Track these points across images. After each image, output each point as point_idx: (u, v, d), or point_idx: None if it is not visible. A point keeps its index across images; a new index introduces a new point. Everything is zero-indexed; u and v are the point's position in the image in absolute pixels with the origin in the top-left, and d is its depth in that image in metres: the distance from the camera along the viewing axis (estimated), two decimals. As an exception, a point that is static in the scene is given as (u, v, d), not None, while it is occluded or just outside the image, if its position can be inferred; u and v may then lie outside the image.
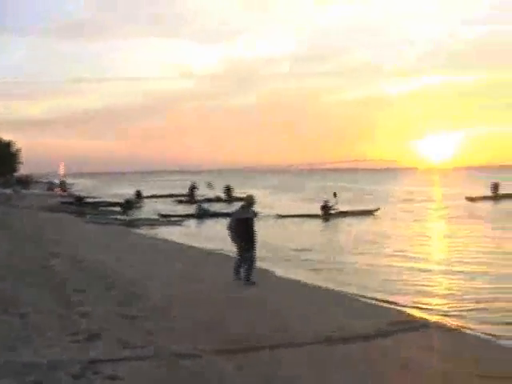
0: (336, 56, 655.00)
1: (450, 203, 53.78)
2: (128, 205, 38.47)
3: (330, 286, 16.86)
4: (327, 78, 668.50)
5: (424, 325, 12.27)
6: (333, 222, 39.33)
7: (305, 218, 40.78)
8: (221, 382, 8.24)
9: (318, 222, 39.25)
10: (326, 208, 41.43)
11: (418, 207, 51.33)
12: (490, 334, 11.92)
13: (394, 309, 13.97)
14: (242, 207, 15.78)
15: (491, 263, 20.22)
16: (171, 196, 66.41)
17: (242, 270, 15.64)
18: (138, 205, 43.16)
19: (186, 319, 11.71)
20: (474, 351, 10.47)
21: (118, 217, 39.80)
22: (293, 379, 8.48)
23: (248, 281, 15.42)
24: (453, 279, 17.87)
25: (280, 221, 39.74)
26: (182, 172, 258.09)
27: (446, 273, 19.01)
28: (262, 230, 27.18)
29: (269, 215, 40.46)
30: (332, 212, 41.40)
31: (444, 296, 15.80)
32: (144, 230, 33.59)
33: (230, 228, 15.62)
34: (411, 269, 19.69)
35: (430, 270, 19.47)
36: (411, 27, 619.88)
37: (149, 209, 44.19)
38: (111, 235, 29.50)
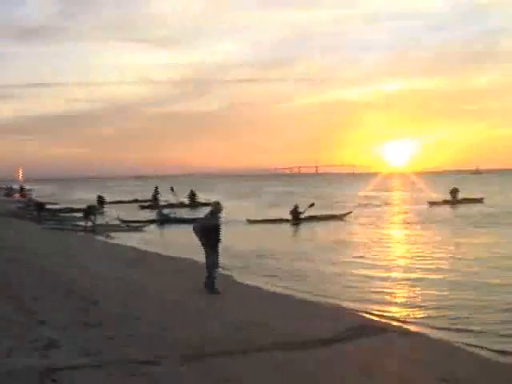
0: (295, 62, 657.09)
1: (411, 207, 54.35)
2: (90, 211, 37.97)
3: (290, 292, 16.88)
4: (286, 84, 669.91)
5: (383, 329, 12.35)
6: (302, 226, 39.21)
7: (275, 223, 40.58)
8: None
9: (288, 227, 39.19)
10: (295, 213, 41.25)
11: (382, 211, 51.70)
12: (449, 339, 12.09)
13: (353, 314, 14.03)
14: (211, 213, 15.58)
15: (450, 269, 20.44)
16: (135, 202, 65.77)
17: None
18: (99, 211, 42.67)
19: (145, 326, 11.64)
20: (433, 355, 10.58)
21: (79, 223, 39.29)
22: None
23: (212, 289, 15.32)
24: (412, 285, 17.97)
25: (249, 226, 39.62)
26: (142, 177, 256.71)
27: (405, 279, 19.09)
28: (231, 236, 27.38)
29: (238, 220, 40.14)
30: (302, 217, 41.23)
31: (403, 302, 15.92)
32: (105, 237, 33.18)
33: (197, 233, 15.49)
34: (371, 275, 19.76)
35: (389, 277, 19.53)
36: (370, 33, 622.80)
37: (111, 215, 43.64)
38: (71, 241, 29.11)
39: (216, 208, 15.52)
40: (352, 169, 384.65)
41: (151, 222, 41.21)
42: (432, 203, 55.34)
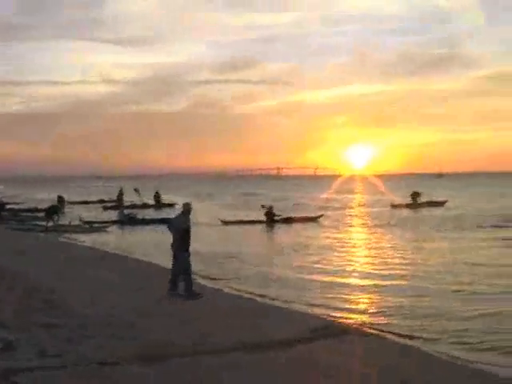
0: (257, 64, 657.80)
1: (373, 210, 54.59)
2: (51, 211, 37.42)
3: (254, 295, 16.85)
4: (248, 86, 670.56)
5: (345, 331, 12.43)
6: (277, 228, 39.20)
7: (249, 225, 40.51)
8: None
9: (262, 229, 39.17)
10: (270, 214, 41.26)
11: (344, 214, 51.71)
12: (411, 339, 12.30)
13: (315, 316, 14.05)
14: (183, 214, 15.22)
15: (411, 275, 20.45)
16: (100, 202, 64.88)
17: (179, 281, 15.13)
18: (61, 211, 42.07)
19: (106, 327, 11.54)
20: (393, 358, 10.60)
21: (40, 223, 38.80)
22: None
23: (189, 293, 14.93)
24: (373, 290, 18.00)
25: (224, 227, 39.53)
26: (105, 178, 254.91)
27: (366, 284, 19.13)
28: (203, 237, 27.51)
29: (210, 223, 40.41)
30: (276, 218, 41.30)
31: (364, 306, 15.95)
32: (66, 237, 32.77)
33: (172, 231, 15.14)
34: (333, 280, 19.71)
35: (350, 282, 19.54)
36: (331, 36, 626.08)
37: (73, 215, 42.98)
38: (31, 242, 28.66)
39: (186, 209, 15.19)
40: (314, 171, 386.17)
41: (113, 222, 40.75)
42: (394, 206, 55.67)
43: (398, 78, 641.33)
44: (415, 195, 56.46)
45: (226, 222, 40.86)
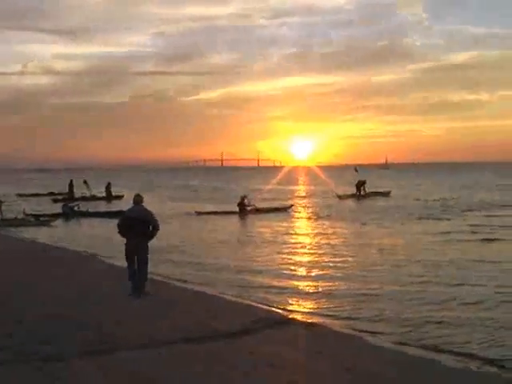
0: (201, 55, 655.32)
1: (318, 201, 54.72)
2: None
3: (197, 287, 16.70)
4: (191, 77, 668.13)
5: (288, 322, 12.50)
6: (249, 218, 39.16)
7: (223, 215, 40.56)
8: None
9: (234, 219, 39.14)
10: (242, 205, 41.46)
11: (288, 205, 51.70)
12: (353, 329, 12.34)
13: (258, 307, 14.03)
14: (137, 205, 14.39)
15: (353, 264, 20.62)
16: (50, 194, 63.31)
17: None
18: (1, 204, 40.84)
19: (48, 322, 11.40)
20: (337, 347, 10.77)
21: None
22: (155, 379, 8.46)
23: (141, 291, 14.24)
24: (317, 279, 18.14)
25: (198, 218, 39.46)
26: (47, 170, 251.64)
27: (310, 273, 19.31)
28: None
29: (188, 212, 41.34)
30: (248, 209, 41.56)
31: (307, 295, 16.05)
32: (8, 231, 31.88)
33: (122, 227, 14.35)
34: (277, 270, 19.78)
35: (294, 272, 19.57)
36: (275, 28, 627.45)
37: (17, 209, 41.84)
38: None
39: (137, 200, 14.51)
40: (257, 162, 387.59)
41: (57, 215, 39.89)
42: (340, 196, 55.87)
43: (341, 70, 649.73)
44: (360, 184, 56.77)
45: (200, 213, 41.09)
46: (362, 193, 56.29)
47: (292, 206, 45.86)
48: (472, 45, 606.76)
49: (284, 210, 43.97)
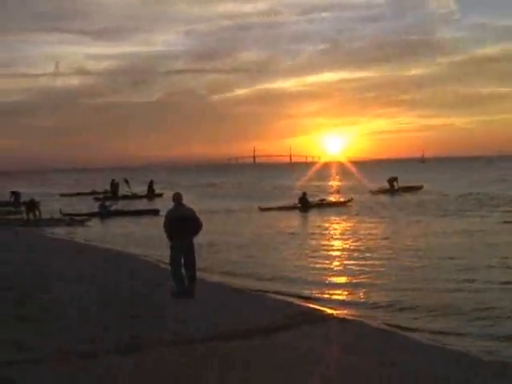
0: (232, 53, 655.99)
1: (356, 196, 54.48)
2: (31, 204, 36.89)
3: (226, 281, 16.83)
4: (223, 75, 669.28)
5: (322, 317, 12.51)
6: (311, 213, 40.07)
7: (283, 211, 41.15)
8: (122, 381, 8.12)
9: (294, 214, 39.90)
10: (304, 200, 42.44)
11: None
12: (389, 325, 12.27)
13: (290, 302, 14.05)
14: (179, 204, 13.94)
15: (393, 257, 20.65)
16: (92, 193, 62.73)
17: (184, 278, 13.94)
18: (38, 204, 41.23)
19: (84, 319, 11.49)
20: (372, 341, 10.71)
21: (19, 216, 38.28)
22: (195, 377, 8.38)
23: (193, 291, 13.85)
24: (349, 275, 18.02)
25: (261, 214, 40.20)
26: (85, 170, 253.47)
27: (343, 266, 19.40)
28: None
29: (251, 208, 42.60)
30: (311, 204, 42.76)
31: (341, 288, 16.09)
32: (45, 230, 32.30)
33: (171, 228, 13.77)
34: (310, 265, 19.80)
35: (328, 267, 19.50)
36: (306, 24, 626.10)
37: (53, 209, 42.15)
38: (11, 235, 28.35)
39: (177, 197, 13.93)
40: (289, 158, 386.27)
41: (93, 215, 39.96)
42: (373, 192, 55.76)
43: (372, 65, 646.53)
44: (392, 180, 56.61)
45: (263, 209, 42.02)
46: (393, 188, 56.11)
47: (351, 199, 46.31)
48: (503, 37, 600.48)
49: (343, 204, 45.13)
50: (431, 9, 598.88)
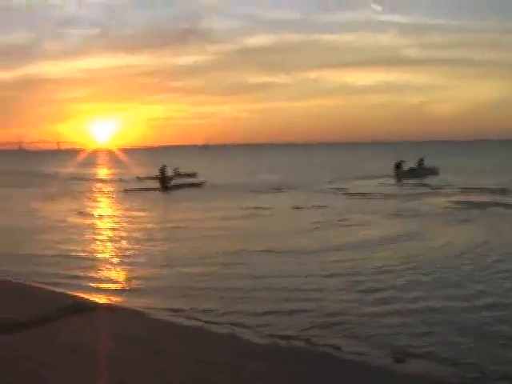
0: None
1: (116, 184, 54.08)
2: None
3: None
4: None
5: (93, 308, 12.33)
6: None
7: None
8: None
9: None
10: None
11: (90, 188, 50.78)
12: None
13: (61, 293, 13.67)
14: None
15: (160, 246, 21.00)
16: None
17: None
18: None
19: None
20: (145, 331, 10.73)
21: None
22: None
23: None
24: (120, 265, 17.97)
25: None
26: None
27: (111, 257, 19.21)
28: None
29: None
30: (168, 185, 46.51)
31: (112, 281, 15.83)
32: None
33: None
34: (77, 254, 19.50)
35: (96, 256, 19.34)
36: (73, 8, 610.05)
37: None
38: None
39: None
40: (57, 145, 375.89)
41: None
42: (140, 179, 55.46)
43: (144, 52, 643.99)
44: (163, 168, 56.65)
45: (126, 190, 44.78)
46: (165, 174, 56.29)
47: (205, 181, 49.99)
48: (272, 28, 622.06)
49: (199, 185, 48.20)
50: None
